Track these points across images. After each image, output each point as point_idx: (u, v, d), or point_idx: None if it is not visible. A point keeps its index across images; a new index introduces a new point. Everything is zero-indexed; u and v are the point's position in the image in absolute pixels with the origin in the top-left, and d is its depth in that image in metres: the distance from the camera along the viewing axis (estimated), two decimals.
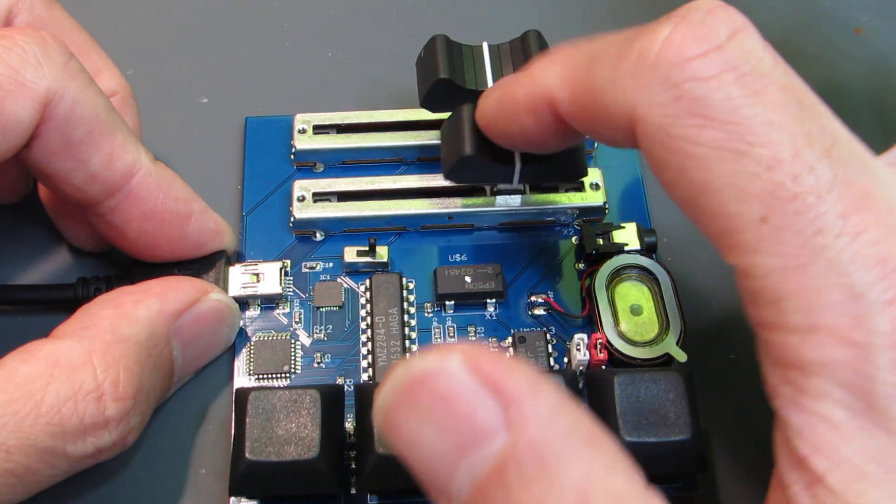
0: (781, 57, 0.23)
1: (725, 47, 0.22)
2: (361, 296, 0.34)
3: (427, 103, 0.33)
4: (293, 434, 0.29)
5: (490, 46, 0.34)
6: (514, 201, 0.35)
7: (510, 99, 0.28)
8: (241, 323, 0.33)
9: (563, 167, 0.32)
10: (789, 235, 0.21)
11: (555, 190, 0.35)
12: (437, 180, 0.35)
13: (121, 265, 0.34)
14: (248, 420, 0.29)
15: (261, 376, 0.33)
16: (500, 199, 0.35)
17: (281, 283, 0.33)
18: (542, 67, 0.27)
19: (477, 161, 0.31)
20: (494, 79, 0.33)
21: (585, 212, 0.36)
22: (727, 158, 0.22)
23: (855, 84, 0.40)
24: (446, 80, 0.32)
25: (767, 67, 0.22)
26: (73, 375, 0.26)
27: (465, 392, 0.21)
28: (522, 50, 0.34)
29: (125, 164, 0.29)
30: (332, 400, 0.30)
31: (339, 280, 0.35)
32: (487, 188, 0.35)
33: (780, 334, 0.22)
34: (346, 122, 0.37)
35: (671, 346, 0.32)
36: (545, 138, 0.28)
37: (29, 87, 0.27)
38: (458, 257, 0.35)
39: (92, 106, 0.28)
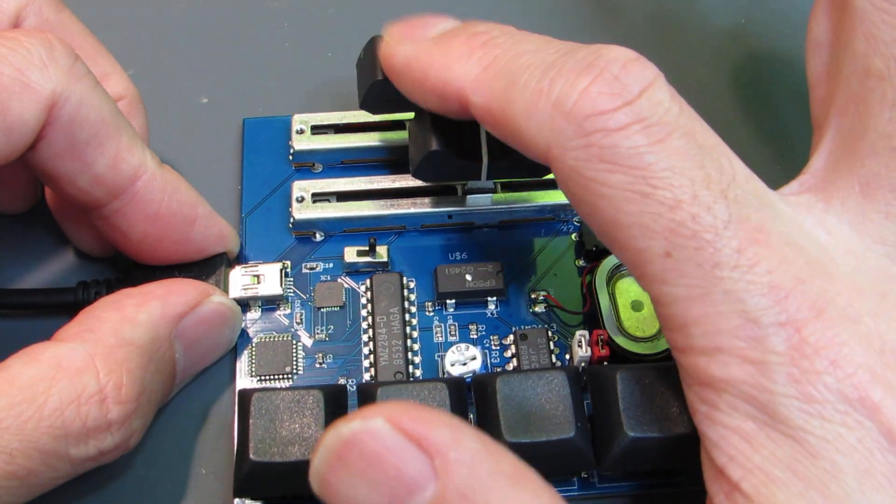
0: (690, 104, 0.25)
1: (635, 102, 0.24)
2: (362, 296, 0.34)
3: (366, 105, 0.34)
4: (297, 434, 0.29)
5: None
6: (484, 200, 0.35)
7: (420, 71, 0.29)
8: (242, 324, 0.33)
9: (533, 163, 0.32)
10: (691, 268, 0.23)
11: (525, 188, 0.35)
12: None
13: (122, 268, 0.34)
14: (251, 421, 0.29)
15: (263, 377, 0.33)
16: (470, 198, 0.35)
17: (281, 285, 0.33)
18: (459, 59, 0.28)
19: (444, 157, 0.32)
20: None
21: None
22: (633, 199, 0.24)
23: None
24: (384, 81, 0.32)
25: (672, 117, 0.24)
26: (76, 378, 0.26)
27: (391, 449, 0.23)
28: None
29: (130, 166, 0.30)
30: (335, 400, 0.30)
31: (339, 280, 0.35)
32: (459, 188, 0.35)
33: (691, 356, 0.24)
34: (344, 122, 0.37)
35: None
36: (451, 114, 0.29)
37: (34, 89, 0.27)
38: (458, 256, 0.35)
39: (97, 108, 0.28)
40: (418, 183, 0.34)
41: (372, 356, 0.32)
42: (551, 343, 0.33)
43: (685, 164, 0.24)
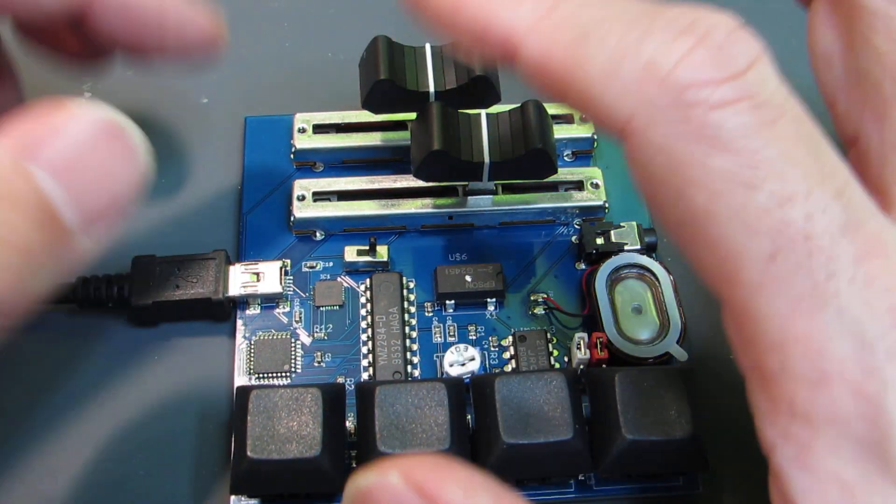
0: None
1: (744, 76, 0.21)
2: (362, 295, 0.34)
3: (368, 104, 0.34)
4: (295, 432, 0.28)
5: (433, 47, 0.34)
6: (484, 201, 0.35)
7: (462, 8, 0.24)
8: (242, 323, 0.33)
9: (534, 165, 0.32)
10: (799, 277, 0.20)
11: (526, 190, 0.36)
12: None
13: (123, 265, 0.34)
14: (249, 418, 0.29)
15: (261, 376, 0.32)
16: (471, 199, 0.35)
17: (281, 283, 0.33)
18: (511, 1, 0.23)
19: (446, 157, 0.32)
20: (436, 80, 0.33)
21: (585, 211, 0.36)
22: (736, 190, 0.20)
23: None
24: (387, 81, 0.32)
25: (781, 98, 0.21)
26: None
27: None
28: None
29: None
30: (333, 398, 0.30)
31: (339, 279, 0.35)
32: (459, 188, 0.35)
33: (785, 384, 0.21)
34: (346, 121, 0.37)
35: (671, 345, 0.32)
36: (488, 59, 0.25)
37: None
38: (458, 256, 0.35)
39: None
40: (419, 183, 0.34)
41: (371, 355, 0.32)
42: (550, 345, 0.33)
43: (798, 154, 0.21)
